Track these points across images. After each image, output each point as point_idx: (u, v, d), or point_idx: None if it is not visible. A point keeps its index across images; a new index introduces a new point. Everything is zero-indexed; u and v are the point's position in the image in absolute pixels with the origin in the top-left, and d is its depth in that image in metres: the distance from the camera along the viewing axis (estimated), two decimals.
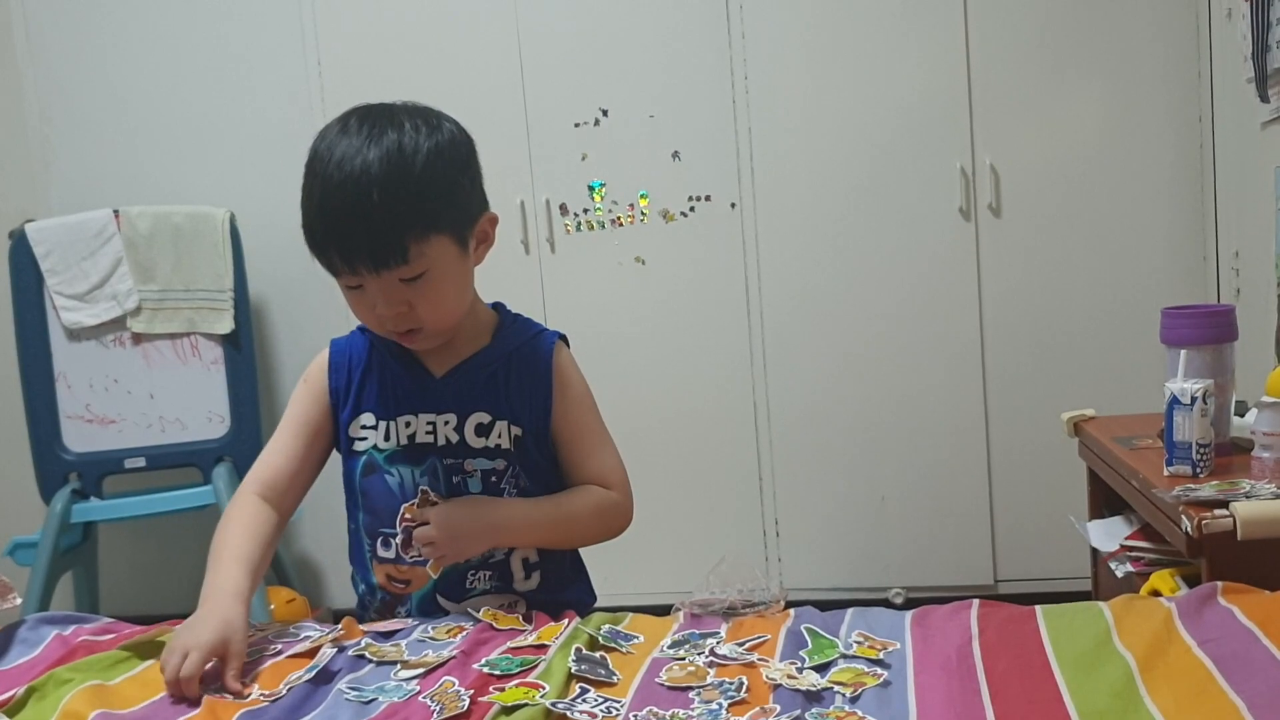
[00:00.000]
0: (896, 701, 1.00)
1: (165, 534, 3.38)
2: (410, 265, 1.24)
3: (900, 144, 2.90)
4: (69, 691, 1.08)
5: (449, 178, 1.27)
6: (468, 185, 1.31)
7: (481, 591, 1.36)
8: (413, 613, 1.36)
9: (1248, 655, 0.99)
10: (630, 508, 1.43)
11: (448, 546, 1.31)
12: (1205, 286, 2.80)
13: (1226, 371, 1.78)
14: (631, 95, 3.03)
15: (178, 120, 3.29)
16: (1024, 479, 2.94)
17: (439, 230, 1.25)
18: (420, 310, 1.28)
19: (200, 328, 3.08)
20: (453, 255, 1.28)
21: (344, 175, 1.21)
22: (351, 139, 1.23)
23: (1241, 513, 1.44)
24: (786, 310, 3.01)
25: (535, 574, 1.39)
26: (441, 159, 1.26)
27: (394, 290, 1.26)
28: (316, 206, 1.24)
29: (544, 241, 3.10)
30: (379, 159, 1.22)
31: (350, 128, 1.25)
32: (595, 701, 1.02)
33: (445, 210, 1.26)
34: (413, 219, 1.23)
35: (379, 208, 1.21)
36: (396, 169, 1.22)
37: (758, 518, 3.09)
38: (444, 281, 1.28)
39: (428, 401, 1.36)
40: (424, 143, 1.25)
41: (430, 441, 1.35)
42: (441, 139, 1.27)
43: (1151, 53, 2.80)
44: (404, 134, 1.24)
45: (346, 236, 1.22)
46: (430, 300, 1.28)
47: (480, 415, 1.35)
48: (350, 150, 1.22)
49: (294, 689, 1.08)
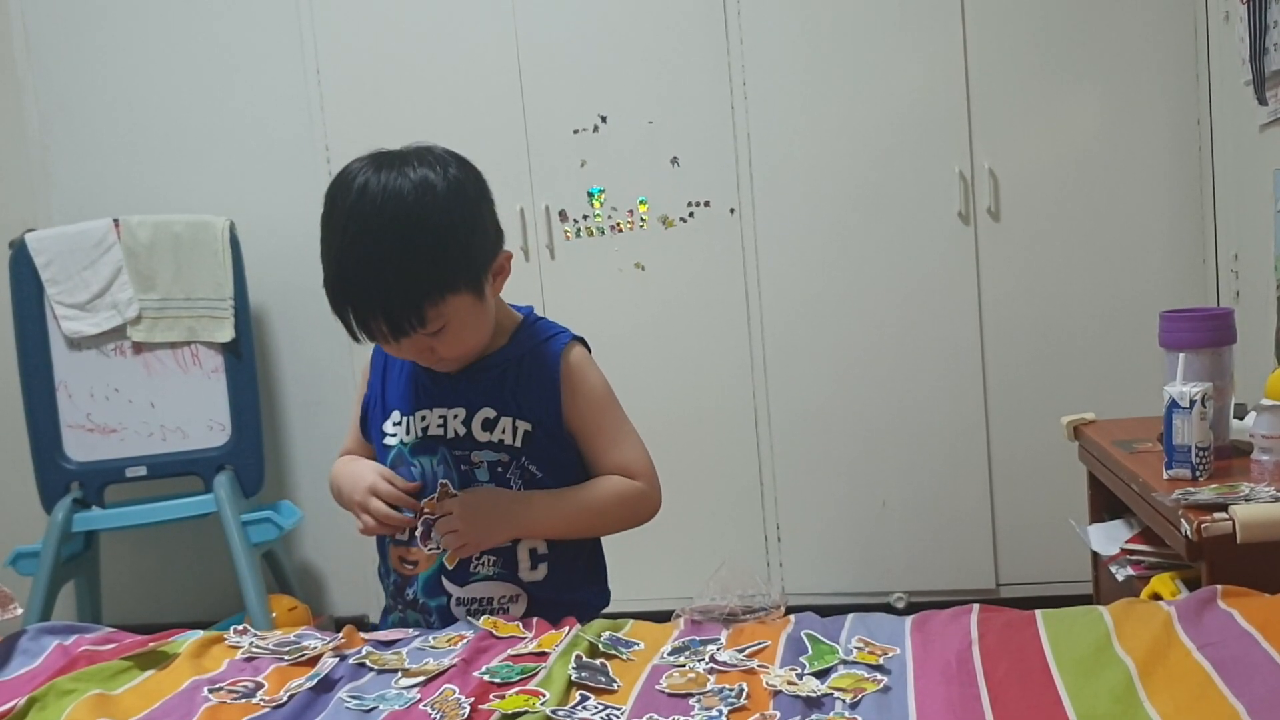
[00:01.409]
0: (896, 707, 1.00)
1: (167, 543, 3.39)
2: (428, 327, 1.30)
3: (899, 148, 2.91)
4: (71, 702, 1.08)
5: (460, 239, 1.31)
6: (480, 240, 1.35)
7: (484, 577, 1.40)
8: (419, 593, 1.41)
9: (1248, 659, 0.99)
10: (656, 495, 1.46)
11: (471, 534, 1.36)
12: (1204, 289, 2.80)
13: (1225, 374, 1.78)
14: (630, 101, 3.03)
15: (177, 130, 3.30)
16: (1024, 483, 2.94)
17: (455, 291, 1.31)
18: (442, 351, 1.36)
19: (201, 336, 3.08)
20: (470, 305, 1.34)
21: (359, 254, 1.27)
22: (364, 204, 1.27)
23: (1241, 516, 1.44)
24: (786, 315, 3.01)
25: (543, 566, 1.41)
26: (452, 219, 1.30)
27: (416, 343, 1.33)
28: (335, 278, 1.30)
29: (544, 248, 3.10)
30: (391, 229, 1.26)
31: (366, 191, 1.28)
32: (595, 709, 1.02)
33: (459, 271, 1.31)
34: (430, 288, 1.28)
35: (393, 280, 1.26)
36: (409, 239, 1.26)
37: (759, 523, 3.09)
38: (464, 329, 1.35)
39: (440, 396, 1.43)
40: (434, 204, 1.28)
41: (440, 434, 1.41)
42: (452, 196, 1.30)
43: (1149, 56, 2.80)
44: (417, 196, 1.28)
45: (363, 307, 1.29)
46: (451, 345, 1.35)
47: (487, 411, 1.41)
48: (362, 213, 1.27)
49: (295, 696, 1.09)
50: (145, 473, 3.08)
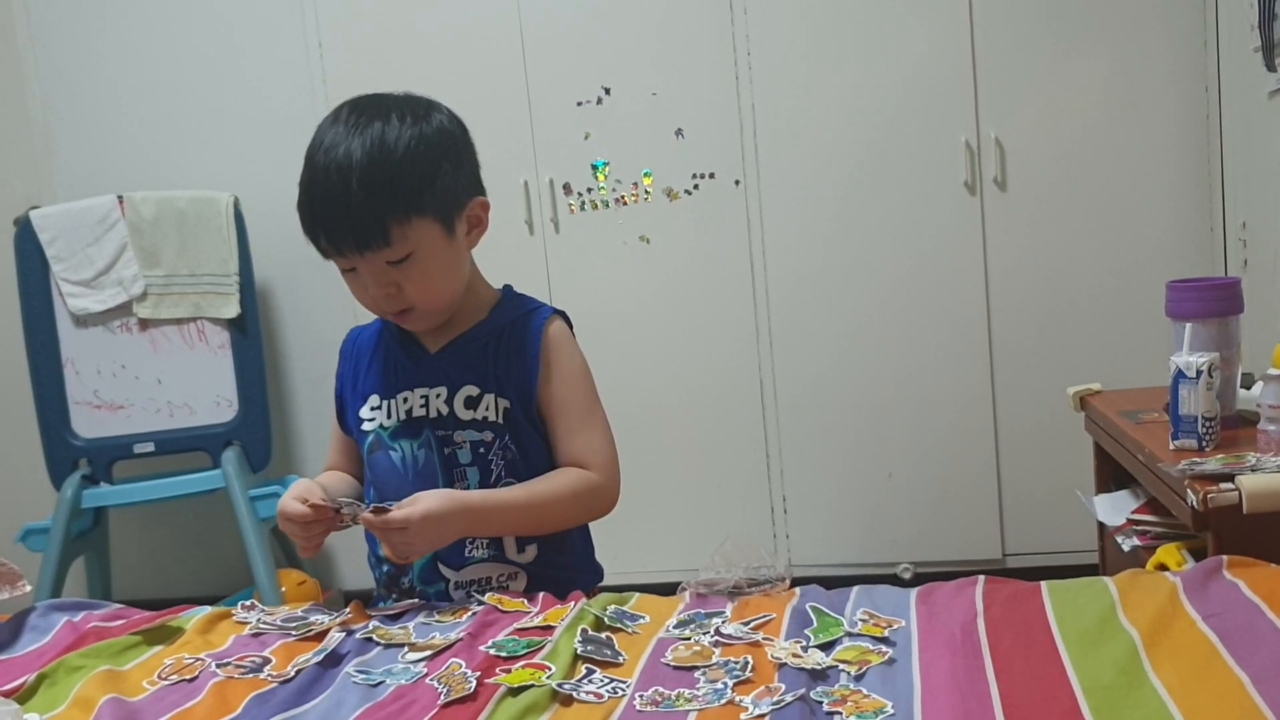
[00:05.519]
0: (901, 679, 1.00)
1: (176, 518, 3.40)
2: (394, 247, 1.30)
3: (904, 118, 2.89)
4: (80, 679, 1.09)
5: (430, 163, 1.32)
6: (452, 171, 1.35)
7: (479, 560, 1.40)
8: (415, 581, 1.40)
9: (1253, 629, 0.99)
10: (613, 489, 1.41)
11: (423, 544, 1.31)
12: (1212, 258, 2.79)
13: (1232, 344, 1.77)
14: (634, 73, 3.01)
15: (180, 105, 3.29)
16: (1030, 453, 2.93)
17: (421, 213, 1.31)
18: (409, 291, 1.34)
19: (206, 312, 3.09)
20: (438, 238, 1.34)
21: (329, 163, 1.30)
22: (339, 129, 1.31)
23: (1247, 486, 1.44)
24: (792, 287, 3.01)
25: (531, 547, 1.41)
26: (423, 145, 1.32)
27: (382, 272, 1.33)
28: (305, 194, 1.32)
29: (548, 221, 3.09)
30: (361, 147, 1.29)
31: (341, 118, 1.33)
32: (601, 682, 1.02)
33: (427, 194, 1.32)
34: (393, 202, 1.29)
35: (359, 193, 1.28)
36: (377, 156, 1.29)
37: (765, 495, 3.09)
38: (430, 263, 1.34)
39: (421, 376, 1.42)
40: (407, 131, 1.32)
41: (424, 415, 1.40)
42: (427, 127, 1.34)
43: (1157, 23, 2.77)
44: (389, 123, 1.31)
45: (331, 220, 1.30)
46: (417, 281, 1.34)
47: (469, 388, 1.39)
48: (337, 140, 1.31)
49: (303, 671, 1.09)
50: (153, 449, 3.09)
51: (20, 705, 1.05)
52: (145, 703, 1.05)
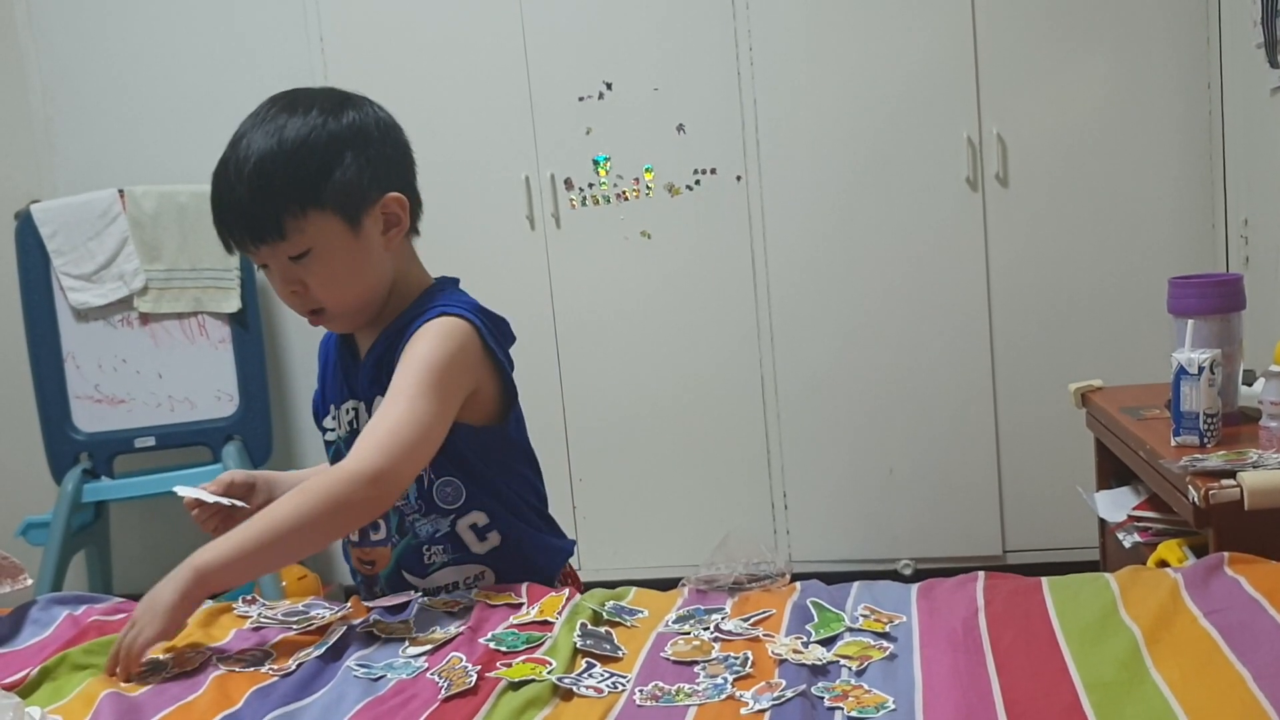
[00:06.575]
0: (902, 675, 1.00)
1: (176, 513, 3.36)
2: (289, 241, 1.28)
3: (906, 114, 2.89)
4: (85, 679, 1.09)
5: (329, 155, 1.28)
6: (357, 165, 1.30)
7: (441, 565, 1.35)
8: (384, 590, 1.38)
9: (1254, 625, 0.99)
10: (376, 471, 1.20)
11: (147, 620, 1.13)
12: (1214, 255, 2.78)
13: (1234, 341, 1.77)
14: (635, 68, 3.01)
15: (181, 99, 3.28)
16: (1032, 450, 2.93)
17: (318, 206, 1.28)
18: (314, 289, 1.31)
19: (207, 307, 3.09)
20: (339, 233, 1.29)
21: (230, 156, 1.29)
22: (249, 123, 1.30)
23: (1249, 483, 1.44)
24: (793, 283, 3.00)
25: (492, 534, 1.35)
26: (325, 137, 1.28)
27: (286, 269, 1.30)
28: (211, 188, 1.31)
29: (549, 217, 3.09)
30: (261, 139, 1.27)
31: (257, 113, 1.31)
32: (601, 676, 1.02)
33: (323, 186, 1.28)
34: (287, 195, 1.26)
35: (252, 183, 1.26)
36: (274, 147, 1.26)
37: (766, 491, 3.09)
38: (332, 260, 1.30)
39: (353, 386, 1.39)
40: (310, 123, 1.28)
41: (358, 428, 1.35)
42: (333, 120, 1.30)
43: (1159, 19, 2.77)
44: (294, 116, 1.29)
45: (227, 212, 1.29)
46: (320, 278, 1.30)
47: (380, 399, 1.31)
48: (242, 133, 1.29)
49: (304, 665, 1.09)
50: (154, 443, 3.09)
51: (22, 699, 1.05)
52: (146, 697, 1.05)
